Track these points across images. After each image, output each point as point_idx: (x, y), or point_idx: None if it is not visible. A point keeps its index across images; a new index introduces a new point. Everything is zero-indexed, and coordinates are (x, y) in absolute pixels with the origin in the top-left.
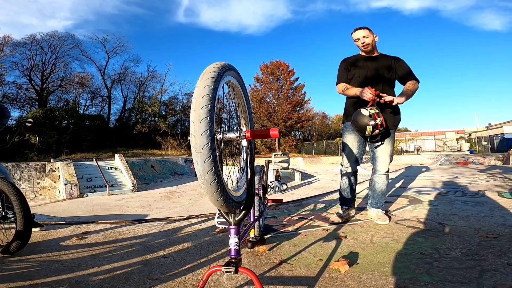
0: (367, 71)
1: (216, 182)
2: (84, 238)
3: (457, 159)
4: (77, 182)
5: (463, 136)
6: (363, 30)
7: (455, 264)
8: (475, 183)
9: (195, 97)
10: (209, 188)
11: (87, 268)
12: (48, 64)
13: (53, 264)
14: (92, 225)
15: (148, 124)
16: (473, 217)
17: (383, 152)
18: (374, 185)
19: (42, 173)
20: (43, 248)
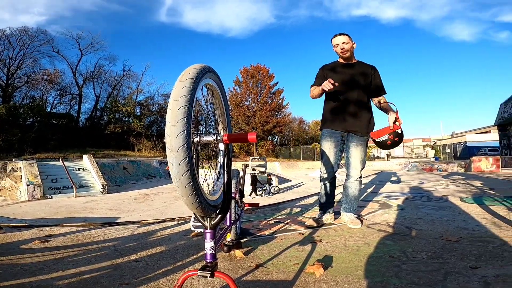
0: (344, 77)
1: (192, 184)
2: (47, 241)
3: (423, 166)
4: (41, 183)
5: (429, 143)
6: (343, 36)
7: (421, 267)
8: (439, 189)
9: (172, 98)
10: (184, 190)
11: (50, 272)
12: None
13: (13, 268)
14: (57, 228)
15: (121, 124)
16: (437, 221)
17: (356, 159)
18: (347, 190)
19: (3, 173)
20: (1, 251)
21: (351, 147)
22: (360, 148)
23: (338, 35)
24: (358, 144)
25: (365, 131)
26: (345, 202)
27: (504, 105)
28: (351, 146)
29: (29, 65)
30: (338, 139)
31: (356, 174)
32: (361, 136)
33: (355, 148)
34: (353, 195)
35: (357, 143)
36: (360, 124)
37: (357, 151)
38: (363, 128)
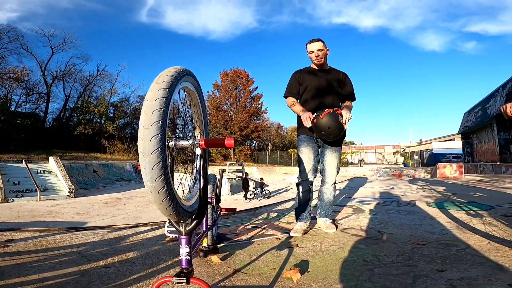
0: (319, 83)
1: (165, 190)
2: (7, 246)
3: (393, 172)
4: (2, 186)
5: (399, 150)
6: (318, 42)
7: (392, 271)
8: (408, 194)
9: (147, 100)
10: (157, 195)
11: (10, 278)
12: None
13: None
14: (18, 233)
15: (92, 125)
16: (406, 225)
17: (331, 165)
18: (323, 195)
19: None
20: None
21: (327, 154)
22: (336, 154)
23: (313, 41)
24: (333, 151)
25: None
26: (320, 207)
27: (468, 114)
28: (326, 152)
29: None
30: (315, 145)
31: (332, 180)
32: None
33: (330, 154)
34: (328, 200)
35: (332, 149)
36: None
37: (332, 157)
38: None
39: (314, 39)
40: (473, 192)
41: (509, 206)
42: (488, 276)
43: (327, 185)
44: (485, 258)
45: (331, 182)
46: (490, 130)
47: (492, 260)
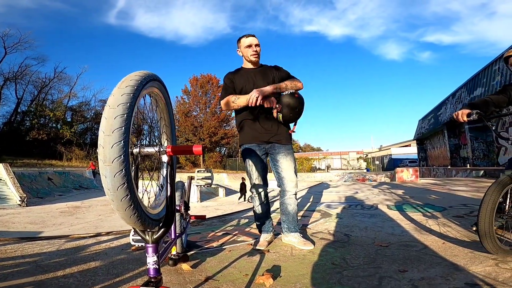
0: (255, 82)
1: (129, 198)
2: None
3: (357, 177)
4: None
5: (362, 156)
6: (255, 37)
7: (359, 273)
8: (371, 197)
9: (108, 105)
10: (119, 204)
11: None
12: None
13: None
14: None
15: (47, 130)
16: (370, 228)
17: (288, 171)
18: (287, 207)
19: None
20: None
21: (280, 159)
22: (290, 157)
23: (250, 35)
24: (286, 154)
25: (289, 137)
26: (287, 221)
27: (422, 121)
28: (279, 158)
29: None
30: (262, 153)
31: (293, 187)
32: (286, 145)
33: (284, 158)
34: (294, 211)
35: (285, 152)
36: (282, 132)
37: (287, 161)
38: (285, 135)
39: (249, 34)
40: (428, 195)
41: (460, 207)
42: (446, 276)
43: (289, 194)
44: (442, 258)
45: (293, 189)
46: (442, 136)
47: (448, 259)
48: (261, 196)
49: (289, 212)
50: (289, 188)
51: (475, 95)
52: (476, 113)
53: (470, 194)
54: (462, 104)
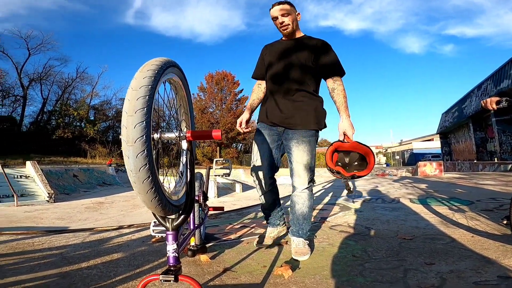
0: (282, 57)
1: (150, 180)
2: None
3: (376, 171)
4: None
5: (381, 151)
6: (282, 5)
7: (382, 265)
8: (392, 191)
9: (131, 87)
10: (141, 186)
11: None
12: None
13: None
14: None
15: (72, 129)
16: (392, 221)
17: (299, 163)
18: (294, 206)
19: None
20: None
21: (292, 147)
22: (303, 147)
23: (275, 4)
24: (300, 142)
25: (310, 123)
26: (292, 222)
27: (445, 114)
28: (291, 145)
29: None
30: (275, 136)
31: (302, 183)
32: (303, 130)
33: (296, 147)
34: (300, 212)
35: (298, 140)
36: (301, 115)
37: (298, 151)
38: (305, 119)
39: (277, 1)
40: (453, 189)
41: (488, 201)
42: (477, 269)
43: (297, 191)
44: (472, 251)
45: (301, 187)
46: (467, 130)
47: (479, 253)
48: (262, 182)
49: (295, 212)
50: (296, 183)
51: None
52: (506, 101)
53: (499, 188)
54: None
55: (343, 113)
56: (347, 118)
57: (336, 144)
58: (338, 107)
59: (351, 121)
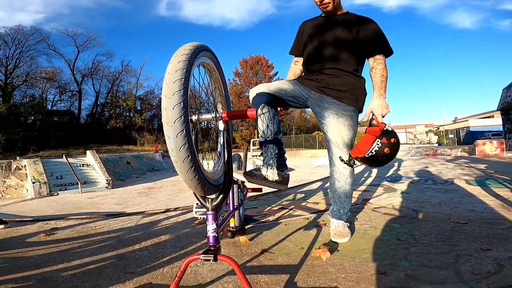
0: (318, 36)
1: (190, 159)
2: (52, 234)
3: (426, 151)
4: (46, 180)
5: (432, 129)
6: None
7: (431, 250)
8: (444, 172)
9: (168, 72)
10: (182, 165)
11: (55, 264)
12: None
13: (18, 261)
14: (62, 221)
15: (122, 119)
16: (444, 203)
17: (338, 137)
18: (334, 183)
19: (8, 172)
20: (7, 245)
21: (328, 116)
22: (344, 120)
23: None
24: (340, 115)
25: (351, 99)
26: (332, 201)
27: (507, 90)
28: (327, 115)
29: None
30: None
31: (343, 157)
32: (342, 104)
33: (335, 119)
34: (342, 190)
35: (338, 112)
36: (341, 89)
37: (338, 124)
38: (345, 94)
39: None
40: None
41: None
42: None
43: (336, 166)
44: None
45: (339, 163)
46: None
47: None
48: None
49: (335, 190)
50: (335, 156)
51: None
52: None
53: None
54: None
55: (375, 92)
56: (379, 97)
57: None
58: (373, 85)
59: (385, 101)
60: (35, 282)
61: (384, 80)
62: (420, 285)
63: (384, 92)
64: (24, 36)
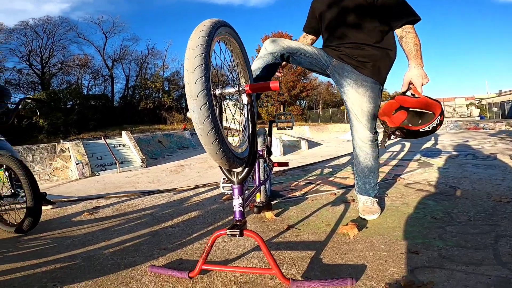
0: (332, 7)
1: (214, 131)
2: (95, 213)
3: (467, 125)
4: (88, 161)
5: (473, 102)
6: None
7: (468, 229)
8: (486, 147)
9: (188, 48)
10: (206, 138)
11: (98, 242)
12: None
13: (66, 240)
14: (103, 200)
15: (152, 100)
16: (485, 180)
17: (358, 108)
18: (357, 158)
19: (53, 154)
20: (55, 225)
21: (347, 85)
22: (364, 91)
23: None
24: (359, 85)
25: (372, 71)
26: (356, 175)
27: None
28: (346, 84)
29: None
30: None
31: (363, 131)
32: (362, 75)
33: (353, 88)
34: (365, 165)
35: (357, 82)
36: (363, 59)
37: (358, 94)
38: (366, 65)
39: None
40: None
41: None
42: None
43: (357, 140)
44: None
45: (362, 135)
46: None
47: None
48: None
49: (358, 164)
50: (357, 132)
51: None
52: None
53: None
54: None
55: (412, 61)
56: (416, 66)
57: (399, 98)
58: (407, 55)
59: (423, 70)
60: (81, 261)
61: (419, 49)
62: (454, 266)
63: (421, 61)
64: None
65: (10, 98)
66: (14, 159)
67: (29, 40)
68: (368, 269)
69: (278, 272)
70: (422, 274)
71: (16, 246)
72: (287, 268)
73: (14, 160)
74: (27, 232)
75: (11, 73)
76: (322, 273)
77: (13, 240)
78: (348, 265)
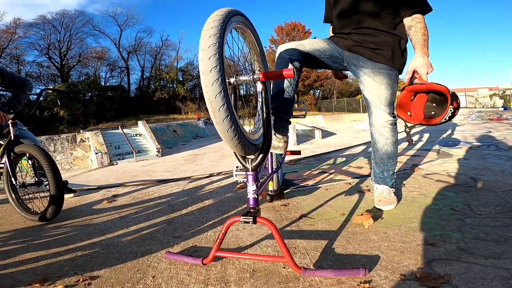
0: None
1: (229, 119)
2: (114, 201)
3: (490, 116)
4: (107, 151)
5: (497, 93)
6: None
7: (489, 222)
8: (510, 138)
9: (204, 29)
10: (222, 126)
11: (116, 230)
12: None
13: (86, 228)
14: (121, 188)
15: (167, 90)
16: (508, 172)
17: (375, 96)
18: (375, 144)
19: (74, 144)
20: (77, 213)
21: (364, 75)
22: (381, 79)
23: None
24: (376, 73)
25: (387, 58)
26: (374, 163)
27: None
28: (362, 73)
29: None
30: (335, 56)
31: (381, 117)
32: (377, 63)
33: (370, 77)
34: (384, 151)
35: (374, 70)
36: (377, 46)
37: (375, 83)
38: (383, 52)
39: None
40: None
41: None
42: None
43: (375, 126)
44: None
45: (380, 120)
46: None
47: None
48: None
49: (376, 151)
50: (375, 118)
51: None
52: None
53: None
54: None
55: (418, 50)
56: (422, 55)
57: (410, 88)
58: (414, 44)
59: (429, 60)
60: (100, 249)
61: (426, 39)
62: (472, 259)
63: (427, 51)
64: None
65: (32, 89)
66: (37, 148)
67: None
68: (382, 260)
69: (290, 261)
70: (439, 266)
71: (40, 235)
72: (300, 257)
73: (37, 149)
74: (50, 221)
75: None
76: (335, 263)
77: (38, 228)
78: (362, 255)
